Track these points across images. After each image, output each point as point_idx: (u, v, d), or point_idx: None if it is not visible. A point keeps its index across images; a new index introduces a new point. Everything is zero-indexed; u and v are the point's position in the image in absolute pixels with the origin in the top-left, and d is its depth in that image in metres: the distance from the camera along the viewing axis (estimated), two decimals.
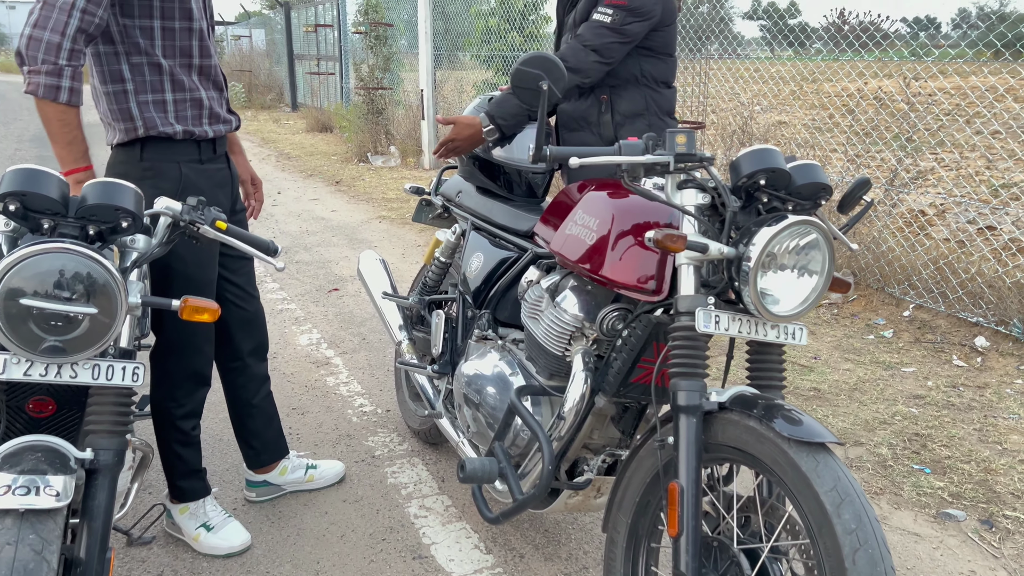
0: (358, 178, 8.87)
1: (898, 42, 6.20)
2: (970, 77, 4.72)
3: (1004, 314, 3.80)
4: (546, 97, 1.69)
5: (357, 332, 4.11)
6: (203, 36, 2.09)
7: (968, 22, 5.63)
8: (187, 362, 2.21)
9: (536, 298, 2.16)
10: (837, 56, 5.89)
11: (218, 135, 2.18)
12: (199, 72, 2.11)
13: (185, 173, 2.09)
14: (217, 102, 2.18)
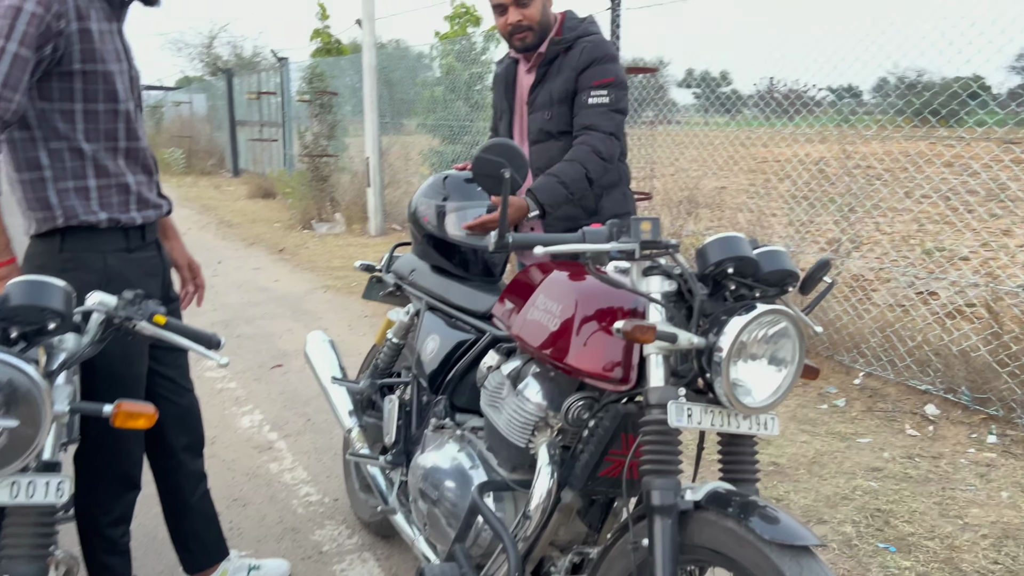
0: (302, 246, 8.72)
1: (830, 109, 6.44)
2: (896, 143, 4.89)
3: (952, 382, 3.85)
4: (508, 185, 1.63)
5: (302, 412, 3.94)
6: (129, 118, 1.96)
7: (888, 90, 5.88)
8: (115, 465, 2.04)
9: (496, 385, 2.07)
10: (774, 122, 6.06)
11: (147, 221, 2.03)
12: (126, 156, 1.97)
13: (110, 264, 1.94)
14: (146, 186, 2.04)
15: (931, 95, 4.46)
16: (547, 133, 2.60)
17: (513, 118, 2.76)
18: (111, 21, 1.92)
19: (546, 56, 2.59)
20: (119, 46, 1.94)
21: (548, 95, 2.58)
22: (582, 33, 2.58)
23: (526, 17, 2.55)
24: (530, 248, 1.71)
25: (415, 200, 2.58)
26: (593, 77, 2.50)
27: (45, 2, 1.71)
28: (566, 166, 2.45)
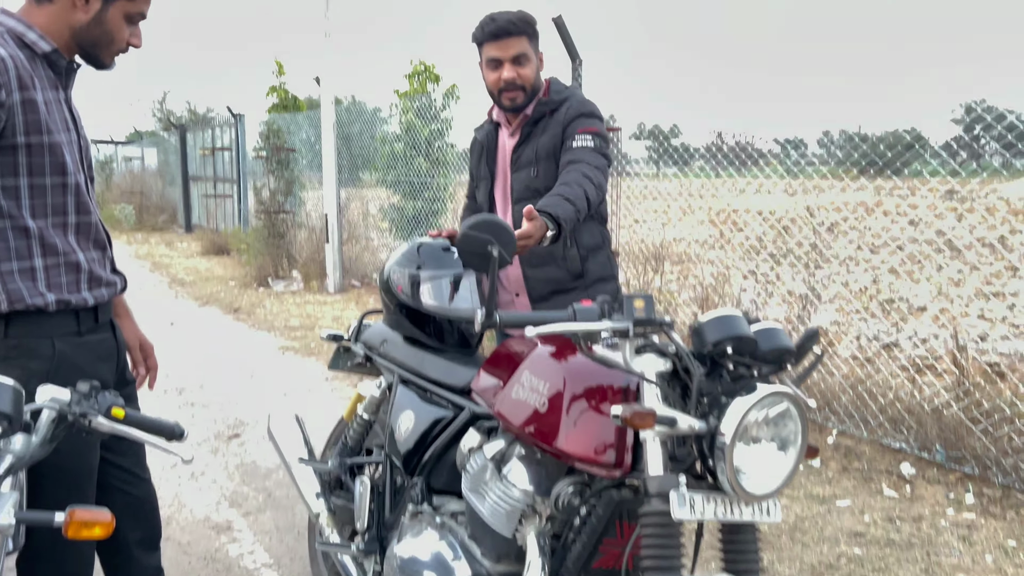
0: (258, 304, 8.50)
1: (773, 160, 6.57)
2: (845, 192, 4.97)
3: (925, 439, 3.83)
4: (496, 262, 1.55)
5: (262, 487, 3.75)
6: (79, 191, 1.81)
7: (832, 143, 6.04)
8: (63, 566, 1.86)
9: (479, 468, 1.95)
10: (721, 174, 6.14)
11: (100, 301, 1.88)
12: (76, 231, 1.83)
13: (60, 349, 1.78)
14: (99, 263, 1.89)
15: (871, 146, 4.56)
16: (533, 191, 2.51)
17: (495, 183, 2.69)
18: (57, 89, 1.80)
19: (531, 117, 2.56)
20: (67, 115, 1.82)
21: (533, 152, 2.54)
22: (568, 95, 2.57)
23: (521, 76, 2.50)
24: (519, 327, 1.63)
25: (388, 268, 2.48)
26: (578, 126, 2.48)
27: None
28: (565, 188, 2.29)
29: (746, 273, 6.46)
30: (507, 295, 2.69)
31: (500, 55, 2.49)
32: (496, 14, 2.51)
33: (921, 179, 5.05)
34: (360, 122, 10.19)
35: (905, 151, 5.13)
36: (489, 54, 2.52)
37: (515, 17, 2.49)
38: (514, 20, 2.48)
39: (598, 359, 1.62)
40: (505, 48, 2.48)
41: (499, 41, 2.48)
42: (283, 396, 5.19)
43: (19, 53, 1.69)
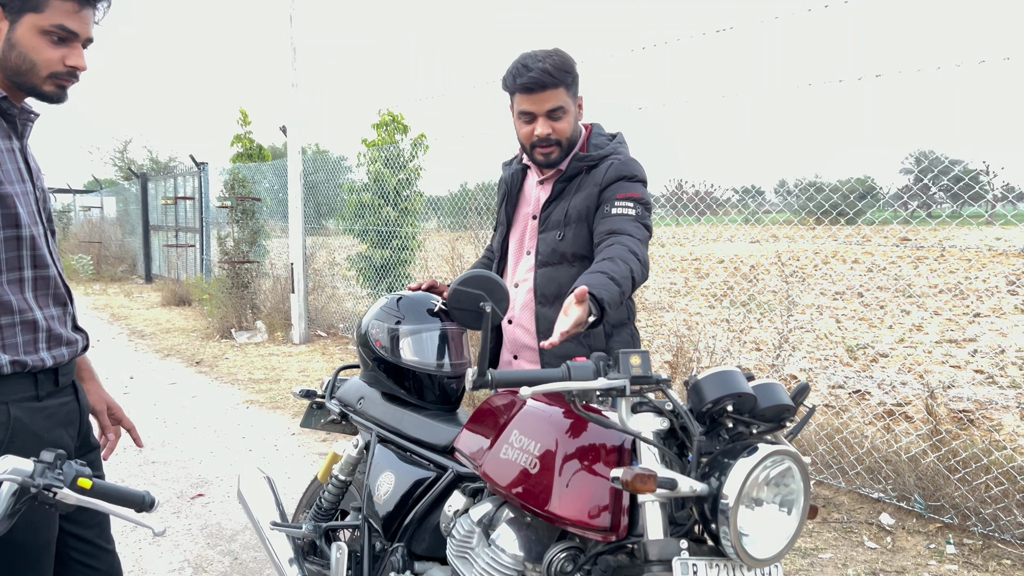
0: (221, 356, 8.30)
1: (731, 210, 6.66)
2: (804, 239, 5.03)
3: (904, 489, 3.81)
4: (489, 319, 1.50)
5: (227, 550, 3.58)
6: (35, 244, 1.70)
7: (787, 190, 6.15)
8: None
9: (465, 533, 1.87)
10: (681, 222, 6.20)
11: (60, 361, 1.76)
12: (33, 287, 1.72)
13: (15, 415, 1.66)
14: (59, 320, 1.78)
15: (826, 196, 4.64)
16: (559, 255, 2.28)
17: (510, 231, 2.44)
18: (10, 139, 1.71)
19: (566, 172, 2.30)
20: (21, 165, 1.71)
21: (563, 213, 2.27)
22: (610, 152, 2.29)
23: (556, 131, 2.23)
24: (514, 386, 1.57)
25: (366, 322, 2.41)
26: (619, 191, 2.21)
27: None
28: (611, 265, 2.00)
29: (715, 320, 6.49)
30: (505, 355, 2.45)
31: (534, 109, 2.22)
32: (530, 60, 2.19)
33: (875, 228, 5.16)
34: (325, 171, 10.14)
35: (859, 200, 5.23)
36: (521, 107, 2.24)
37: (551, 66, 2.17)
38: (550, 71, 2.17)
39: (595, 420, 1.57)
40: (540, 102, 2.20)
41: (533, 95, 2.20)
42: (248, 452, 5.02)
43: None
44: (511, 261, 2.45)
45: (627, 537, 1.59)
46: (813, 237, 4.97)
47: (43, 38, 1.64)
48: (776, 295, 5.45)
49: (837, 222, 4.47)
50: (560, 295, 2.25)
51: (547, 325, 2.27)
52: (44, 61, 1.65)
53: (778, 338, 4.71)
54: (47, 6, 1.62)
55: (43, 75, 1.67)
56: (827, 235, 4.58)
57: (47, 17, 1.63)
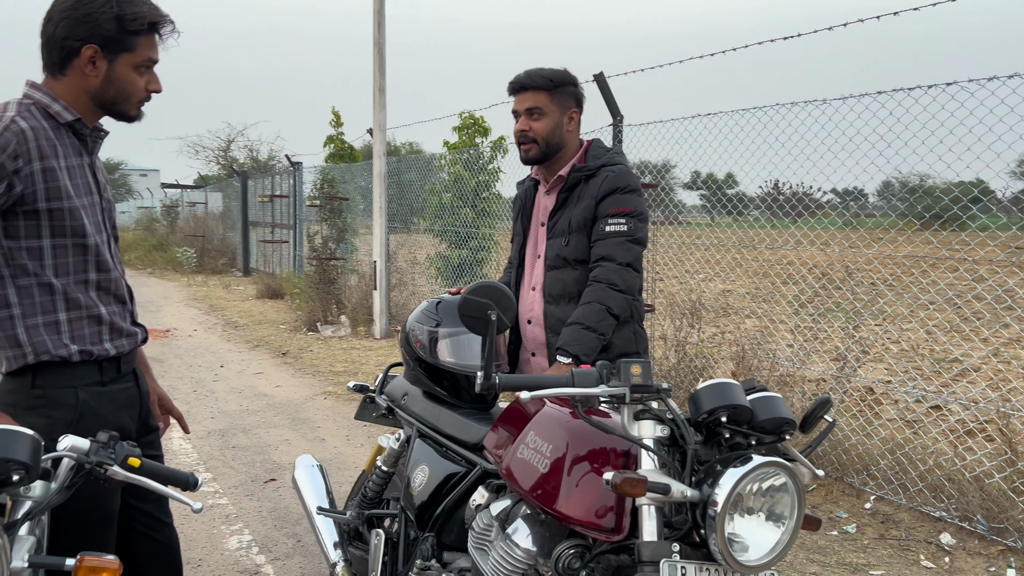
0: (306, 349, 8.69)
1: (832, 212, 6.48)
2: (902, 246, 4.87)
3: (967, 509, 3.70)
4: (494, 327, 1.60)
5: (292, 533, 3.81)
6: (99, 251, 1.91)
7: (893, 193, 5.93)
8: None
9: (485, 526, 1.98)
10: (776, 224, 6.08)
11: (121, 351, 1.96)
12: (97, 288, 1.92)
13: (83, 399, 1.86)
14: (119, 315, 1.98)
15: (934, 199, 4.45)
16: (563, 259, 2.53)
17: (526, 240, 2.69)
18: (81, 155, 1.90)
19: (567, 182, 2.55)
20: (89, 179, 1.92)
21: (567, 222, 2.52)
22: (606, 162, 2.54)
23: (532, 129, 2.54)
24: (517, 390, 1.67)
25: (409, 323, 2.55)
26: (612, 205, 2.45)
27: (3, 144, 1.70)
28: (586, 309, 2.39)
29: (791, 329, 6.36)
30: (524, 354, 2.69)
31: (517, 107, 2.58)
32: (524, 70, 2.59)
33: (976, 234, 4.91)
34: (415, 170, 10.44)
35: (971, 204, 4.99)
36: (512, 107, 2.61)
37: (535, 72, 2.55)
38: (532, 75, 2.54)
39: (596, 424, 1.65)
40: (520, 101, 2.56)
41: (517, 95, 2.57)
42: (321, 442, 5.28)
43: (43, 124, 1.80)
44: (527, 267, 2.68)
45: (628, 538, 1.66)
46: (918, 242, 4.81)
47: (135, 72, 1.88)
48: (860, 303, 5.32)
49: (945, 227, 4.30)
50: (564, 294, 2.52)
51: (554, 321, 2.52)
52: (136, 91, 1.90)
53: (843, 349, 4.62)
54: (138, 45, 1.86)
55: (134, 102, 1.92)
56: (920, 241, 4.43)
57: (139, 55, 1.87)
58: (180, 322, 10.56)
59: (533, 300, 2.61)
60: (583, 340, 2.34)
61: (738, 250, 7.00)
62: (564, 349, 2.34)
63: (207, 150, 30.54)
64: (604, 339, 2.37)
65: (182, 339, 9.36)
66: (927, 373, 6.96)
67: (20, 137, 1.73)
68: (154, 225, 24.71)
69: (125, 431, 1.93)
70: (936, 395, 4.78)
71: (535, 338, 2.61)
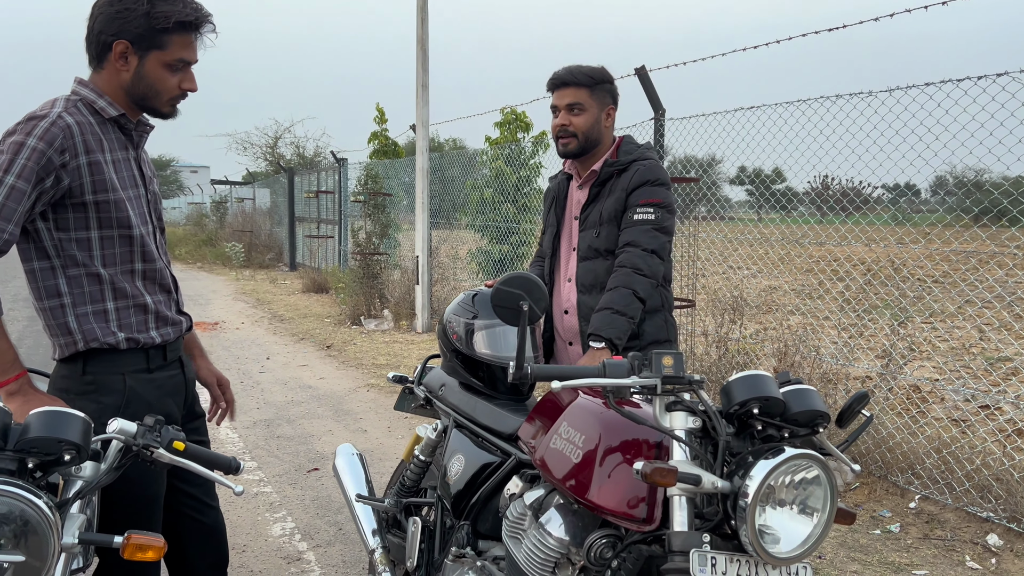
0: (350, 342, 8.81)
1: (877, 207, 6.34)
2: (954, 243, 4.75)
3: (1015, 510, 3.61)
4: (526, 317, 1.63)
5: (334, 521, 3.89)
6: (144, 242, 1.97)
7: (945, 189, 5.77)
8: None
9: (518, 515, 2.00)
10: (830, 220, 5.96)
11: (166, 339, 2.04)
12: (143, 277, 1.99)
13: (130, 385, 1.94)
14: (165, 304, 2.05)
15: (997, 193, 4.31)
16: (595, 250, 2.64)
17: (560, 232, 2.79)
18: (127, 149, 1.98)
19: (600, 176, 2.65)
20: (135, 172, 1.99)
21: (599, 214, 2.62)
22: (637, 157, 2.63)
23: (572, 124, 2.63)
24: (549, 380, 1.68)
25: (446, 316, 2.59)
26: (641, 196, 2.56)
27: (48, 137, 1.77)
28: (613, 294, 2.47)
29: (835, 326, 6.26)
30: (561, 342, 2.77)
31: (556, 103, 2.66)
32: (564, 67, 2.68)
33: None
34: (458, 166, 10.51)
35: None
36: (551, 102, 2.70)
37: (575, 69, 2.65)
38: (572, 71, 2.64)
39: (627, 415, 1.66)
40: (560, 97, 2.65)
41: (557, 91, 2.67)
42: (363, 433, 5.37)
43: (90, 119, 1.87)
44: (562, 259, 2.77)
45: (659, 528, 1.67)
46: (961, 240, 4.68)
47: (166, 70, 1.92)
48: (906, 300, 5.20)
49: (998, 222, 4.19)
50: (596, 284, 2.61)
51: (586, 311, 2.60)
52: (167, 88, 1.94)
53: (888, 346, 4.54)
54: (169, 44, 1.90)
55: (165, 99, 1.96)
56: (968, 236, 4.31)
57: (170, 53, 1.91)
58: (228, 315, 10.80)
59: (569, 291, 2.70)
60: (614, 324, 2.42)
61: (783, 246, 6.90)
62: (596, 334, 2.43)
63: (255, 147, 31.10)
64: (633, 322, 2.44)
65: (230, 332, 9.57)
66: (976, 372, 6.79)
67: (67, 132, 1.79)
68: (204, 221, 25.27)
69: (171, 418, 2.01)
70: (985, 394, 4.66)
71: (571, 327, 2.70)
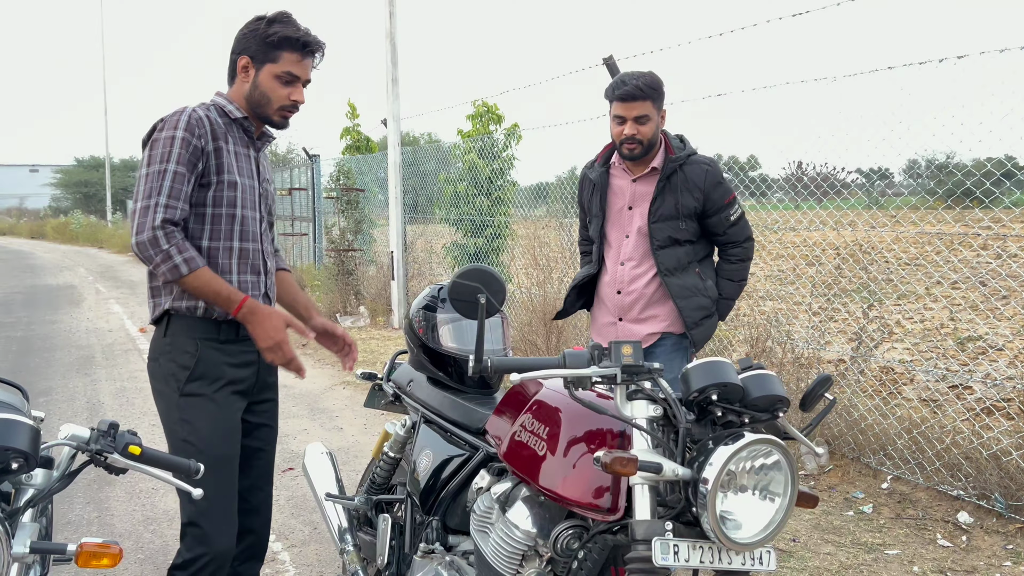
0: None
1: (859, 191, 6.37)
2: (930, 224, 4.78)
3: (984, 487, 3.66)
4: (484, 310, 1.61)
5: (308, 520, 3.86)
6: (244, 223, 2.21)
7: (918, 172, 5.81)
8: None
9: (485, 509, 2.00)
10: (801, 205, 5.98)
11: None
12: (239, 256, 2.22)
13: (201, 350, 2.16)
14: (251, 285, 2.24)
15: (963, 176, 4.35)
16: (675, 240, 2.93)
17: (606, 221, 3.04)
18: (248, 148, 2.27)
19: (664, 172, 2.91)
20: (252, 168, 2.28)
21: (674, 208, 2.90)
22: (690, 152, 2.96)
23: (640, 133, 2.86)
24: (509, 372, 1.67)
25: (412, 310, 2.57)
26: (723, 196, 2.94)
27: (189, 128, 2.10)
28: (737, 287, 3.05)
29: (806, 311, 6.30)
30: (607, 320, 3.06)
31: (624, 114, 2.86)
32: (628, 77, 2.88)
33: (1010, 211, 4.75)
34: (434, 160, 10.45)
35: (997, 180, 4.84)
36: (616, 111, 2.89)
37: (643, 83, 2.84)
38: (641, 86, 2.83)
39: (588, 404, 1.66)
40: (629, 109, 2.84)
41: (626, 103, 2.85)
42: (339, 431, 5.33)
43: (217, 118, 2.19)
44: (613, 244, 3.03)
45: (624, 518, 1.67)
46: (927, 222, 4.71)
47: (276, 81, 2.20)
48: (874, 283, 5.25)
49: (969, 206, 4.22)
50: (679, 267, 2.94)
51: (677, 288, 2.93)
52: (277, 98, 2.22)
53: (858, 329, 4.58)
54: (280, 58, 2.19)
55: (275, 108, 2.23)
56: (934, 218, 4.34)
57: (280, 66, 2.20)
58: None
59: (623, 272, 2.98)
60: (729, 309, 3.03)
61: (761, 232, 6.93)
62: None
63: None
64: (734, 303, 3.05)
65: None
66: (945, 352, 6.87)
67: (199, 121, 2.12)
68: None
69: (236, 385, 2.20)
70: (954, 374, 4.72)
71: (622, 305, 3.00)
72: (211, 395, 2.16)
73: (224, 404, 2.18)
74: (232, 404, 2.21)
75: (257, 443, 2.37)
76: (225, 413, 2.18)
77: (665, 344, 2.99)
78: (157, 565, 3.37)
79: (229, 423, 2.19)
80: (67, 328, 9.68)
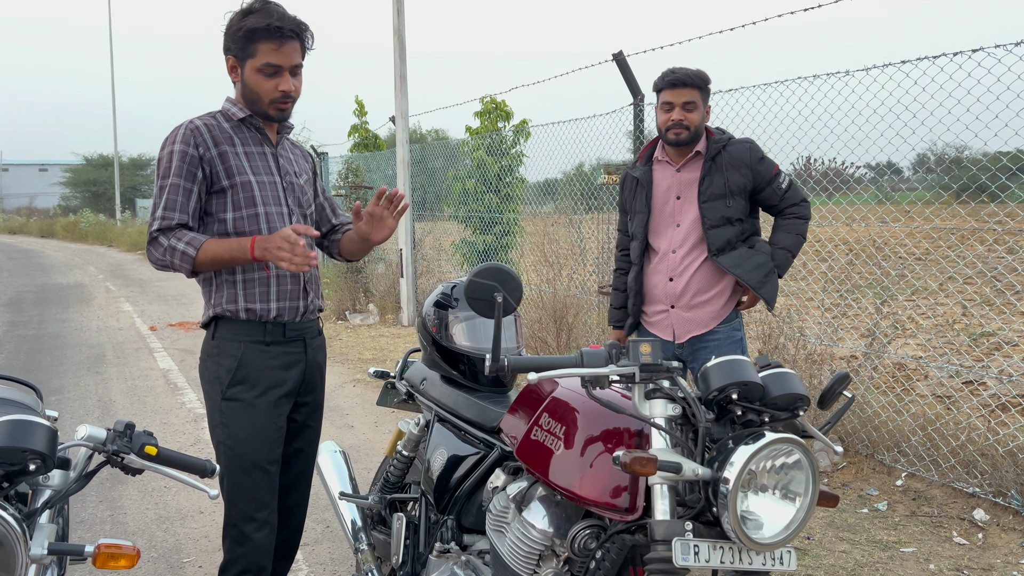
0: (335, 337, 8.76)
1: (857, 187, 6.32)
2: (943, 219, 4.74)
3: (1001, 484, 3.63)
4: (501, 308, 1.60)
5: (321, 519, 3.86)
6: (271, 220, 2.21)
7: (927, 167, 5.76)
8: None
9: (501, 508, 1.99)
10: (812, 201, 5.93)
11: (283, 313, 2.22)
12: None
13: (245, 352, 2.17)
14: (290, 279, 2.23)
15: (978, 170, 4.30)
16: (726, 219, 3.03)
17: (651, 216, 3.14)
18: (262, 145, 2.26)
19: (708, 154, 3.04)
20: (271, 164, 2.26)
21: (723, 187, 3.01)
22: (729, 136, 3.10)
23: (687, 119, 2.99)
24: (526, 371, 1.66)
25: (425, 308, 2.56)
26: (769, 169, 3.07)
27: (185, 139, 2.13)
28: (796, 240, 3.11)
29: (818, 307, 6.27)
30: (661, 306, 3.13)
31: (673, 100, 2.99)
32: (677, 68, 3.02)
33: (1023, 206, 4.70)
34: (443, 157, 10.44)
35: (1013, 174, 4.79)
36: (665, 98, 3.02)
37: (692, 72, 3.00)
38: (690, 74, 2.99)
39: (605, 404, 1.64)
40: (678, 95, 2.98)
41: (675, 89, 2.99)
42: (350, 429, 5.34)
43: (222, 123, 2.20)
44: (663, 235, 3.12)
45: (642, 517, 1.66)
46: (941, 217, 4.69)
47: (259, 75, 2.15)
48: (888, 278, 5.21)
49: (983, 201, 4.17)
50: (728, 245, 3.03)
51: (730, 262, 3.00)
52: (264, 92, 2.17)
53: (871, 325, 4.55)
54: (257, 51, 2.14)
55: (267, 102, 2.19)
56: (948, 214, 4.30)
57: (258, 59, 2.14)
58: None
59: (675, 260, 3.08)
60: (788, 262, 3.08)
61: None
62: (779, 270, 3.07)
63: None
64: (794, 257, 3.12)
65: None
66: (959, 348, 6.83)
67: (196, 131, 2.14)
68: None
69: (281, 388, 2.20)
70: (968, 369, 4.69)
71: (674, 292, 3.08)
72: (252, 400, 2.17)
73: (265, 410, 2.19)
74: (273, 410, 2.21)
75: (298, 443, 2.38)
76: (265, 420, 2.19)
77: (718, 336, 3.07)
78: (170, 564, 3.38)
79: (269, 429, 2.20)
80: (78, 327, 9.72)
